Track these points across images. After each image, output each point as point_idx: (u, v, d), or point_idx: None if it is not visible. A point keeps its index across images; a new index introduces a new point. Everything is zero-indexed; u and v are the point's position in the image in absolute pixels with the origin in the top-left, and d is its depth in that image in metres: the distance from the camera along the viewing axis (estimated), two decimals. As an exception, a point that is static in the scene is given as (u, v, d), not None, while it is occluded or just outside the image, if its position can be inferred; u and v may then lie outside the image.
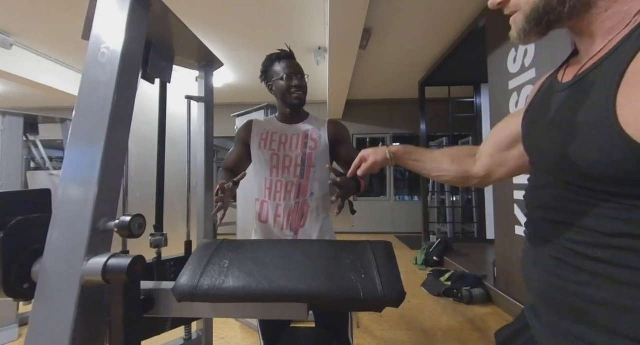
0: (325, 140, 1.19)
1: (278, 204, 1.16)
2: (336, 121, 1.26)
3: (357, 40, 3.17)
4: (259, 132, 1.22)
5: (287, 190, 1.15)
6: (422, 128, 4.85)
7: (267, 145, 1.19)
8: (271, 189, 1.17)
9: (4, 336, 2.04)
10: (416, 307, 2.63)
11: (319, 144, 1.18)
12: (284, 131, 1.21)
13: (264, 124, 1.26)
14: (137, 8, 0.67)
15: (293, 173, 1.16)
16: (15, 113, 2.22)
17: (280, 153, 1.18)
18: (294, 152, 1.17)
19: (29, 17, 3.20)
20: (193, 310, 0.61)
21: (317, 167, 1.17)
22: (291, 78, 1.15)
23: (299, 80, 1.15)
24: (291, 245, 0.74)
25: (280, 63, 1.17)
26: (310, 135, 1.19)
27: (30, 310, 0.53)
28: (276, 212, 1.16)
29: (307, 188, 1.16)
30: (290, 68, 1.15)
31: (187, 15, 3.04)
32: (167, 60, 1.00)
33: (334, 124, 1.24)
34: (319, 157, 1.17)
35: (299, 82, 1.15)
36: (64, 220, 0.56)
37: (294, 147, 1.18)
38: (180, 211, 1.24)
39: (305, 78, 1.17)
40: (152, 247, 1.05)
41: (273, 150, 1.18)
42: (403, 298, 0.57)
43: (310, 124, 1.23)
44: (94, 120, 0.60)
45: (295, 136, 1.19)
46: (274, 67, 1.18)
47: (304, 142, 1.18)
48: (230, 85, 5.31)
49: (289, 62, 1.17)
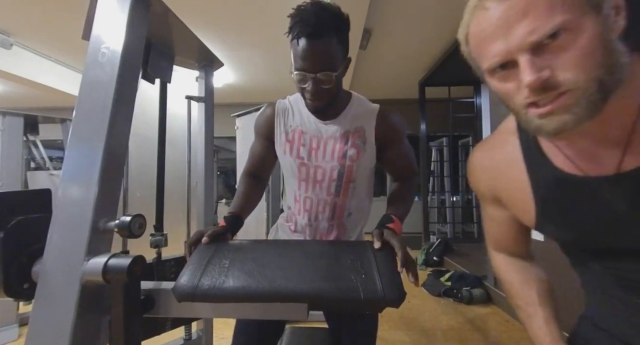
0: (371, 144, 0.88)
1: (307, 224, 0.93)
2: (388, 114, 0.90)
3: (357, 40, 3.17)
4: (283, 128, 0.92)
5: (318, 210, 0.91)
6: (422, 128, 4.85)
7: (293, 152, 0.90)
8: (300, 204, 0.94)
9: (4, 336, 2.04)
10: (416, 307, 2.63)
11: (362, 151, 0.87)
12: (317, 132, 0.89)
13: (290, 114, 0.92)
14: (137, 8, 0.67)
15: (327, 190, 0.90)
16: (15, 113, 2.21)
17: (310, 163, 0.89)
18: (328, 163, 0.88)
19: (29, 17, 3.20)
20: (193, 310, 0.61)
21: (358, 182, 0.91)
22: (302, 79, 0.77)
23: (314, 83, 0.76)
24: (291, 245, 0.74)
25: (298, 42, 0.74)
26: (352, 140, 0.87)
27: (30, 310, 0.53)
28: (305, 232, 0.95)
29: (343, 208, 0.92)
30: (304, 60, 0.74)
31: (187, 15, 3.04)
32: (167, 60, 1.00)
33: (385, 120, 0.89)
34: (362, 170, 0.90)
35: (314, 87, 0.76)
36: (64, 220, 0.56)
37: (329, 157, 0.88)
38: (180, 211, 1.24)
39: (330, 75, 0.76)
40: (152, 247, 1.05)
41: (301, 159, 0.90)
42: (403, 298, 0.57)
43: (353, 118, 0.89)
44: (94, 120, 0.60)
45: (331, 140, 0.88)
46: (292, 46, 0.76)
47: (342, 150, 0.87)
48: (230, 85, 5.31)
49: (307, 45, 0.73)
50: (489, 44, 0.41)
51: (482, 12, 0.41)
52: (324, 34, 0.73)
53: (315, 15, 0.72)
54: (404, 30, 3.45)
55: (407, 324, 2.32)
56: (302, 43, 0.73)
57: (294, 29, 0.74)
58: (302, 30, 0.73)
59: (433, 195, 5.43)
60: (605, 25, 0.37)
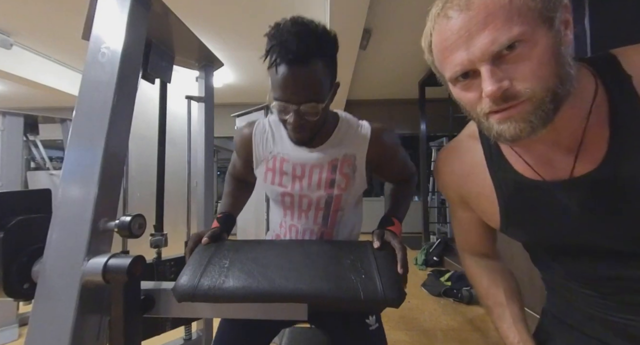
0: (361, 171, 0.80)
1: None
2: (381, 135, 0.79)
3: (357, 40, 3.17)
4: (263, 155, 0.83)
5: (304, 238, 0.85)
6: (422, 128, 4.85)
7: (275, 180, 0.82)
8: (286, 229, 0.87)
9: (4, 336, 2.04)
10: (416, 307, 2.63)
11: (351, 180, 0.79)
12: (301, 159, 0.79)
13: (270, 139, 0.82)
14: (137, 8, 0.67)
15: (313, 220, 0.83)
16: (15, 113, 2.21)
17: (294, 193, 0.81)
18: (314, 193, 0.80)
19: (29, 17, 3.20)
20: (193, 310, 0.61)
21: (347, 209, 0.84)
22: (283, 110, 0.67)
23: (297, 115, 0.66)
24: (291, 245, 0.73)
25: (278, 71, 0.63)
26: (340, 167, 0.78)
27: (30, 310, 0.53)
28: None
29: (331, 235, 0.85)
30: (285, 90, 0.64)
31: (187, 15, 3.04)
32: (167, 60, 1.00)
33: (378, 142, 0.79)
34: (351, 198, 0.82)
35: (296, 119, 0.66)
36: (64, 220, 0.56)
37: (315, 186, 0.79)
38: (180, 211, 1.24)
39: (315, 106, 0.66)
40: (152, 247, 1.05)
41: (284, 188, 0.81)
42: (403, 298, 0.57)
43: (342, 144, 0.79)
44: (94, 120, 0.60)
45: (317, 168, 0.79)
46: (270, 72, 0.65)
47: (329, 179, 0.78)
48: (230, 85, 5.31)
49: (290, 75, 0.63)
50: (451, 53, 0.42)
51: (445, 20, 0.42)
52: (308, 60, 0.62)
53: (297, 37, 0.61)
54: (404, 30, 3.44)
55: (407, 324, 2.32)
56: (283, 70, 0.62)
57: (272, 53, 0.63)
58: (282, 55, 0.62)
59: (433, 195, 5.43)
60: (556, 38, 0.40)
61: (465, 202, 0.64)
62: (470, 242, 0.71)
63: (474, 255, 0.72)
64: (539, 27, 0.39)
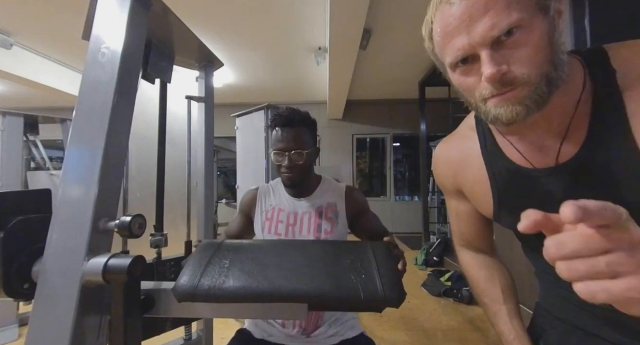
0: (343, 218, 1.02)
1: None
2: (353, 189, 1.08)
3: (357, 40, 3.17)
4: (264, 207, 1.07)
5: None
6: (422, 128, 4.86)
7: (272, 229, 1.03)
8: None
9: (4, 336, 2.04)
10: (416, 307, 2.64)
11: (335, 225, 1.01)
12: (293, 208, 1.04)
13: (271, 194, 1.10)
14: (137, 8, 0.67)
15: None
16: (15, 113, 2.22)
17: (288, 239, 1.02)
18: (304, 237, 1.01)
19: (29, 17, 3.20)
20: (193, 310, 0.61)
21: None
22: (280, 155, 0.96)
23: (289, 160, 0.95)
24: (291, 246, 0.73)
25: (275, 130, 0.98)
26: (325, 213, 1.02)
27: (30, 310, 0.53)
28: None
29: None
30: (281, 142, 0.96)
31: (187, 15, 3.04)
32: (167, 60, 1.00)
33: (352, 195, 1.05)
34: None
35: (288, 163, 0.95)
36: (64, 220, 0.55)
37: (305, 231, 1.01)
38: (180, 211, 1.24)
39: (301, 153, 0.95)
40: (152, 247, 1.05)
41: (279, 235, 1.02)
42: (403, 298, 0.57)
43: (324, 195, 1.05)
44: (94, 120, 0.60)
45: (307, 215, 1.02)
46: (272, 134, 0.99)
47: (317, 223, 1.01)
48: (230, 85, 5.31)
49: (283, 131, 0.96)
50: (453, 38, 0.44)
51: (447, 6, 0.44)
52: (295, 124, 0.96)
53: (288, 112, 0.98)
54: (404, 30, 3.45)
55: (407, 324, 2.32)
56: (279, 130, 0.97)
57: (272, 122, 0.98)
58: (278, 121, 0.97)
59: (433, 195, 5.43)
60: (551, 25, 0.42)
61: (461, 192, 0.65)
62: (466, 235, 0.72)
63: (470, 250, 0.73)
64: (535, 14, 0.40)
